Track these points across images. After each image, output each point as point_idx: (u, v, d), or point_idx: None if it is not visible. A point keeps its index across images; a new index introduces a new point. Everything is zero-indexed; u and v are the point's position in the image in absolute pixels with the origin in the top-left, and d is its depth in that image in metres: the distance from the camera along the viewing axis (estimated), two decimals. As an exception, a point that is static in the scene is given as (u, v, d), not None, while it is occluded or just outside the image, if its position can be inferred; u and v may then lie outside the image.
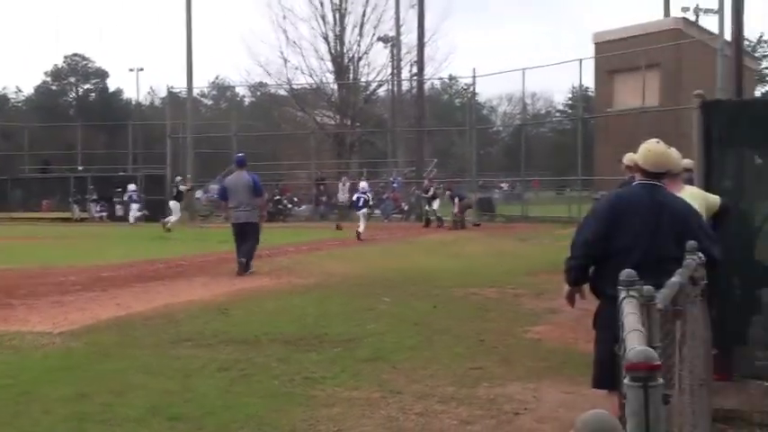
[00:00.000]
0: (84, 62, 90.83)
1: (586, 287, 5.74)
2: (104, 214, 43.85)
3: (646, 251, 5.25)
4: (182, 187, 34.73)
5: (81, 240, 28.08)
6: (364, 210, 27.58)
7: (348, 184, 43.31)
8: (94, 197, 44.68)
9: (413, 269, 17.08)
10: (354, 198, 29.19)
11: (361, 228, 26.39)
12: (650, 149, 5.61)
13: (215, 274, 16.29)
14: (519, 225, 34.37)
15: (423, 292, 13.64)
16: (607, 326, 4.98)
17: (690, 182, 7.17)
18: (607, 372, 5.15)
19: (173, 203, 33.79)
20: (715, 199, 6.66)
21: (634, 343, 2.46)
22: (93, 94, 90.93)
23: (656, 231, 5.32)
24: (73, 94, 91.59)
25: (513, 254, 20.53)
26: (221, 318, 11.10)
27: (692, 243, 4.87)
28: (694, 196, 6.44)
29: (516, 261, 18.49)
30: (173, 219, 32.66)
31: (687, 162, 9.44)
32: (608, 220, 5.46)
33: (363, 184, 29.81)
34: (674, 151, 6.59)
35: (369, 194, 29.46)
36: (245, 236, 16.66)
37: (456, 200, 33.26)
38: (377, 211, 41.72)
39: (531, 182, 46.58)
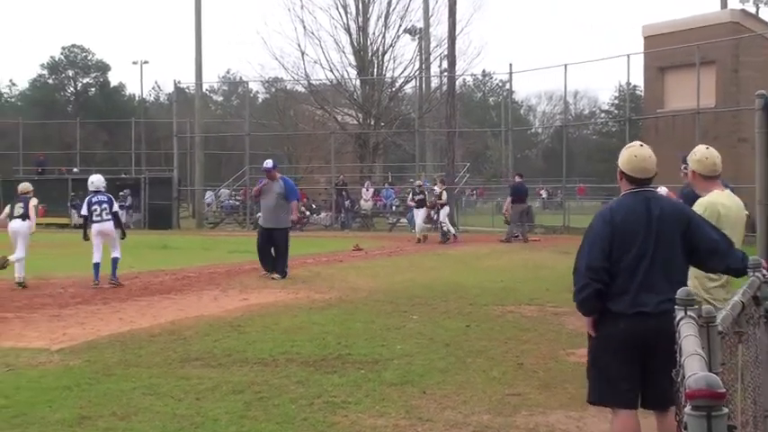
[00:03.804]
0: (84, 54, 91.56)
1: None
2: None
3: (651, 263, 5.30)
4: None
5: (79, 248, 28.14)
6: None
7: (372, 189, 43.23)
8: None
9: (443, 284, 17.07)
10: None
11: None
12: (636, 154, 5.61)
13: (225, 287, 16.35)
14: (560, 237, 34.24)
15: (454, 310, 13.63)
16: (616, 348, 5.28)
17: None
18: (626, 388, 5.29)
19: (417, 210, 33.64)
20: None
21: (695, 368, 2.46)
22: (93, 89, 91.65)
23: (659, 240, 5.34)
24: (71, 89, 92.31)
25: (553, 268, 20.44)
26: (234, 335, 11.15)
27: (755, 258, 4.88)
28: (732, 201, 6.53)
29: (557, 276, 18.41)
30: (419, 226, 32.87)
31: None
32: (608, 239, 5.39)
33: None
34: (713, 152, 6.63)
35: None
36: (273, 241, 17.83)
37: (509, 199, 31.56)
38: (403, 220, 41.62)
39: (573, 189, 46.38)
